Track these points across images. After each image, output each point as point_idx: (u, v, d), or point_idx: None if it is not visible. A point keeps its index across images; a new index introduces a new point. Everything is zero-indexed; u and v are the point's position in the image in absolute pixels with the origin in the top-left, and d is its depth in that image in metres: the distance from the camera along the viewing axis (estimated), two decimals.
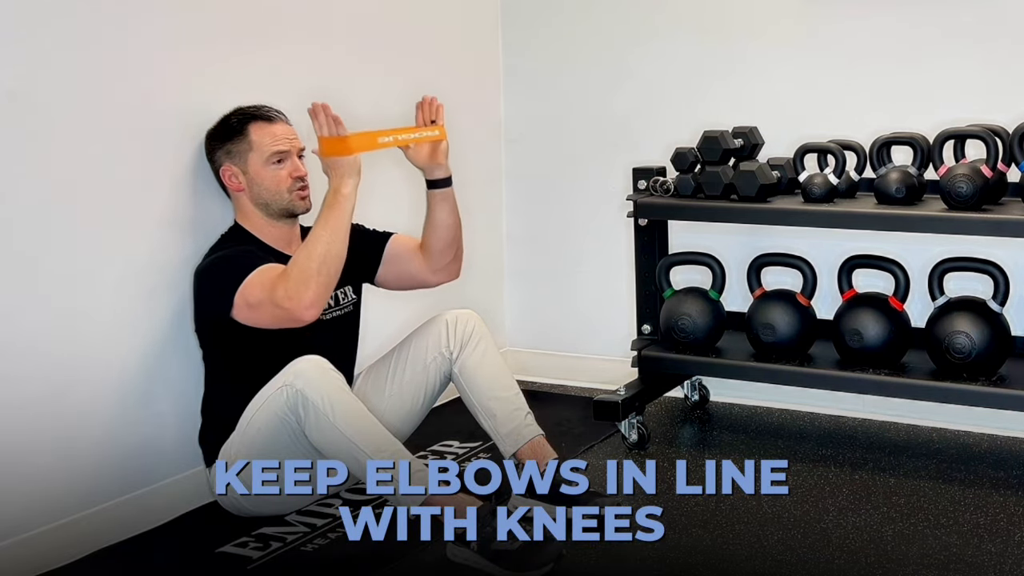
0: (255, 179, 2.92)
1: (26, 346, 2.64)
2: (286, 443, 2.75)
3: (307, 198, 2.97)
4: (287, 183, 2.92)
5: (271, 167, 2.91)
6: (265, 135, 2.91)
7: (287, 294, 2.71)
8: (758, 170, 3.26)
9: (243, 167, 2.92)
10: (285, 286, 2.72)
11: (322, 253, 2.76)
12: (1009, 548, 2.68)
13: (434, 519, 2.67)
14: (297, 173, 2.93)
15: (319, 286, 2.73)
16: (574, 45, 4.00)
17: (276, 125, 2.94)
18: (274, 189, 2.92)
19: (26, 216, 2.62)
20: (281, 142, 2.92)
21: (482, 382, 3.02)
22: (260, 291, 2.74)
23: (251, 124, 2.92)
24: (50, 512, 2.71)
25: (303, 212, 2.98)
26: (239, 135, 2.91)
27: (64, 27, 2.67)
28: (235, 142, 2.92)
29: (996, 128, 3.10)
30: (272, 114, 2.96)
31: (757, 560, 2.66)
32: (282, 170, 2.92)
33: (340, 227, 2.81)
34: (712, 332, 3.42)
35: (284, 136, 2.94)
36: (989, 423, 3.45)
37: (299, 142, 2.97)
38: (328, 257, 2.76)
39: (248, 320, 2.77)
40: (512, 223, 4.21)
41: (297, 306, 2.71)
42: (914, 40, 3.47)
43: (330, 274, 2.76)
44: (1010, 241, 3.24)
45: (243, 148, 2.91)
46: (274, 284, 2.73)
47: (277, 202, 2.93)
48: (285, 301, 2.71)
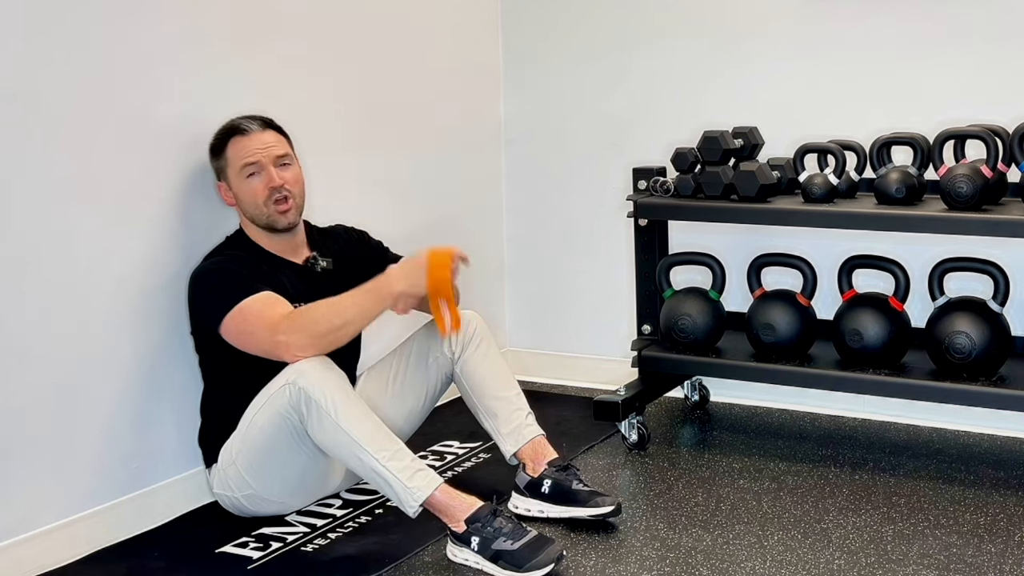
0: (237, 194, 2.91)
1: (26, 346, 2.64)
2: (288, 442, 2.75)
3: (288, 211, 2.90)
4: (263, 195, 2.87)
5: (245, 180, 2.88)
6: (238, 149, 2.88)
7: (287, 340, 2.69)
8: (758, 170, 3.26)
9: (228, 183, 2.92)
10: (288, 331, 2.70)
11: (338, 325, 2.74)
12: (1009, 548, 2.68)
13: (434, 519, 2.68)
14: (272, 184, 2.87)
15: (317, 348, 2.72)
16: (574, 45, 4.00)
17: (250, 137, 2.89)
18: (252, 203, 2.89)
19: (26, 217, 2.62)
20: (251, 154, 2.87)
21: (484, 382, 3.03)
22: (259, 323, 2.72)
23: (230, 140, 2.90)
24: (50, 512, 2.71)
25: (286, 226, 2.92)
26: (221, 152, 2.91)
27: (65, 29, 2.66)
28: (219, 159, 2.93)
29: (996, 128, 3.10)
30: (247, 126, 2.90)
31: (757, 560, 2.66)
32: (256, 183, 2.88)
33: (368, 314, 2.78)
34: (712, 332, 3.42)
35: (256, 148, 2.88)
36: (989, 423, 3.45)
37: (276, 150, 2.90)
38: (342, 332, 2.75)
39: (233, 340, 2.77)
40: (512, 223, 4.21)
41: (286, 352, 2.70)
42: (914, 40, 3.47)
43: (333, 345, 2.75)
44: (1010, 241, 3.24)
45: (224, 165, 2.91)
46: (276, 324, 2.71)
47: (259, 217, 2.90)
48: (281, 345, 2.69)
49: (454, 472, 3.24)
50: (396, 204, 3.68)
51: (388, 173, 3.68)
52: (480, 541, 2.61)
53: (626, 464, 3.31)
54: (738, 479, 3.15)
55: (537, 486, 2.93)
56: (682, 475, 3.20)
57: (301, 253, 3.01)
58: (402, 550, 2.74)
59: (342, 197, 3.31)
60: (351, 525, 2.90)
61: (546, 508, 2.91)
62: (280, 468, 2.82)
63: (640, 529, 2.85)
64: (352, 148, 3.49)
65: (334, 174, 3.35)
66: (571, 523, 2.88)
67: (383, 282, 2.78)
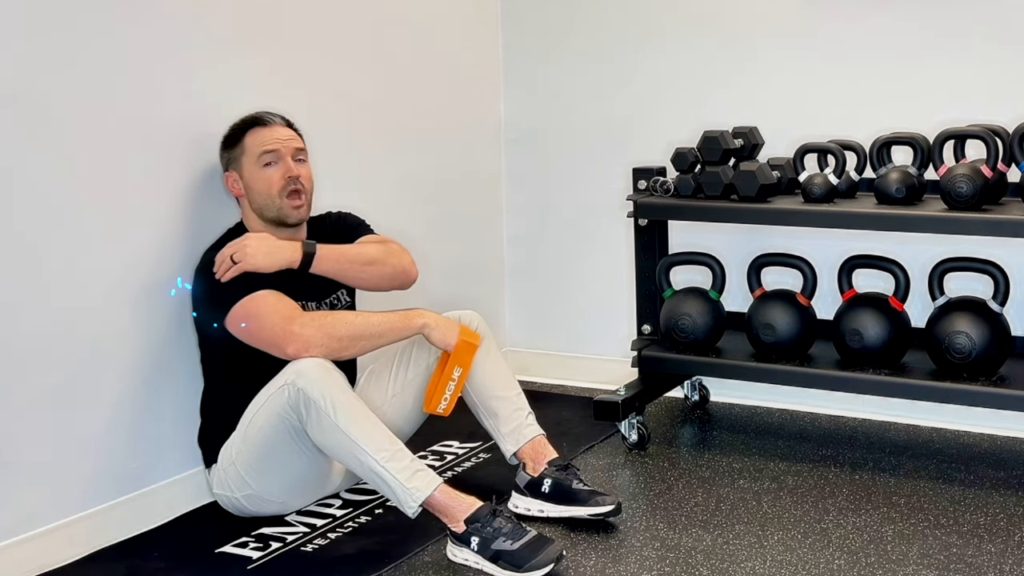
0: (249, 184, 2.91)
1: (26, 346, 2.64)
2: (287, 442, 2.75)
3: (301, 207, 2.91)
4: (278, 185, 2.88)
5: (261, 169, 2.89)
6: (258, 138, 2.90)
7: (301, 331, 2.70)
8: (758, 170, 3.26)
9: (240, 172, 2.92)
10: (305, 324, 2.71)
11: (358, 335, 2.77)
12: (1009, 548, 2.68)
13: (434, 519, 2.68)
14: (289, 173, 2.89)
15: (326, 349, 2.72)
16: (574, 45, 4.00)
17: (272, 129, 2.91)
18: (265, 192, 2.89)
19: (27, 216, 2.62)
20: (271, 143, 2.89)
21: (484, 381, 3.03)
22: (273, 312, 2.72)
23: (249, 130, 2.91)
24: (50, 512, 2.71)
25: (297, 221, 2.93)
26: (238, 141, 2.92)
27: (68, 30, 2.66)
28: (234, 148, 2.92)
29: (996, 128, 3.10)
30: (269, 119, 2.93)
31: (757, 560, 2.66)
32: (273, 172, 2.88)
33: (389, 335, 2.83)
34: (712, 332, 3.42)
35: (276, 137, 2.90)
36: (989, 423, 3.45)
37: (295, 142, 2.94)
38: (358, 343, 2.78)
39: (236, 328, 2.76)
40: (512, 223, 4.21)
41: (295, 343, 2.69)
42: (914, 40, 3.47)
43: (342, 352, 2.76)
44: (1010, 241, 3.24)
45: (239, 153, 2.91)
46: (292, 315, 2.72)
47: (269, 207, 2.90)
48: (293, 335, 2.69)
49: (454, 472, 3.24)
50: (396, 204, 3.68)
51: (388, 173, 3.68)
52: (480, 541, 2.61)
53: (626, 464, 3.31)
54: (738, 479, 3.15)
55: (537, 486, 2.93)
56: (682, 475, 3.20)
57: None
58: (402, 550, 2.74)
59: (342, 197, 3.31)
60: (351, 525, 2.90)
61: (546, 508, 2.91)
62: (280, 468, 2.82)
63: (640, 529, 2.85)
64: (352, 148, 3.50)
65: (334, 174, 3.35)
66: (571, 523, 2.88)
67: (416, 312, 2.88)
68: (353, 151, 3.51)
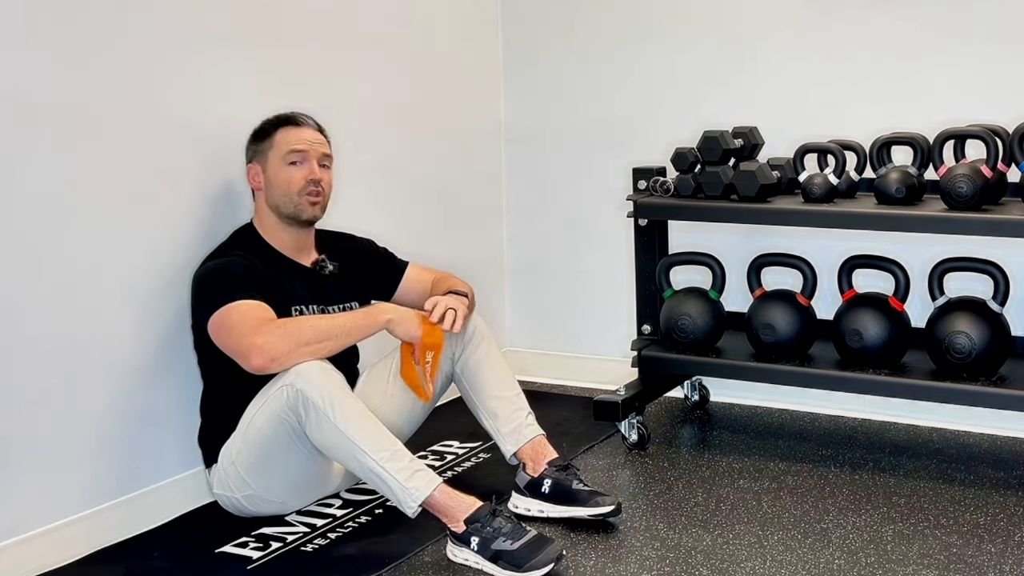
0: (271, 179, 2.93)
1: (26, 346, 2.64)
2: (286, 443, 2.75)
3: (316, 205, 2.95)
4: (299, 185, 2.91)
5: (286, 167, 2.92)
6: (290, 135, 2.94)
7: (263, 342, 2.67)
8: (758, 170, 3.26)
9: (264, 166, 2.94)
10: (269, 334, 2.68)
11: (323, 336, 2.75)
12: (1009, 548, 2.68)
13: (434, 519, 2.68)
14: (312, 176, 2.93)
15: (295, 357, 2.70)
16: (574, 45, 4.00)
17: (303, 129, 2.96)
18: (285, 190, 2.92)
19: (28, 217, 2.62)
20: (301, 142, 2.93)
21: (484, 381, 3.03)
22: (242, 322, 2.70)
23: (282, 126, 2.96)
24: (50, 512, 2.71)
25: (311, 218, 2.96)
26: (268, 136, 2.95)
27: (70, 30, 2.66)
28: (263, 142, 2.96)
29: (996, 128, 3.10)
30: (303, 120, 2.98)
31: (757, 560, 2.66)
32: (296, 172, 2.92)
33: (355, 333, 2.82)
34: (712, 332, 3.42)
35: (306, 139, 2.95)
36: (989, 423, 3.46)
37: (323, 148, 2.98)
38: (326, 345, 2.76)
39: (214, 336, 2.76)
40: (512, 223, 4.21)
41: (258, 356, 2.67)
42: (914, 40, 3.47)
43: (313, 355, 2.73)
44: (1010, 241, 3.24)
45: (267, 147, 2.95)
46: (259, 327, 2.70)
47: (286, 204, 2.92)
48: (255, 348, 2.66)
49: (454, 472, 3.24)
50: (396, 204, 3.68)
51: (388, 173, 3.68)
52: (480, 541, 2.61)
53: (626, 464, 3.31)
54: (738, 479, 3.15)
55: (537, 486, 2.93)
56: (682, 475, 3.20)
57: (309, 255, 3.02)
58: (402, 550, 2.74)
59: (342, 197, 3.30)
60: (351, 525, 2.90)
61: (546, 508, 2.91)
62: (279, 468, 2.82)
63: (640, 529, 2.85)
64: (353, 148, 3.49)
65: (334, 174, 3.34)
66: (571, 523, 2.88)
67: (378, 308, 2.90)
68: (353, 151, 3.50)
